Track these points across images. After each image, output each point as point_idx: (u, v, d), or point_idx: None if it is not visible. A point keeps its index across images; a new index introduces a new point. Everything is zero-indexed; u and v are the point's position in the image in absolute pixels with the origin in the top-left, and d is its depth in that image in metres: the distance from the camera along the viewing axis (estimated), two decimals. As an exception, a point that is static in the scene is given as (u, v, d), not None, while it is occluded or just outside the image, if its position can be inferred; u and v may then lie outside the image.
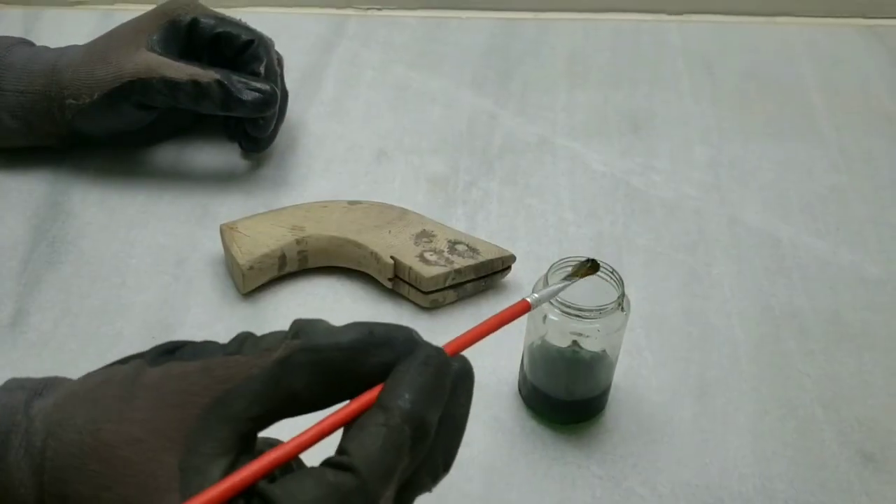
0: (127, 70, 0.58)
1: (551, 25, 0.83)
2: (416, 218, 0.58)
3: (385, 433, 0.30)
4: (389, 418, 0.30)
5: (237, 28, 0.62)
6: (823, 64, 0.78)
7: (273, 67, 0.62)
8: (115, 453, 0.31)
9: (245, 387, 0.31)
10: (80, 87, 0.59)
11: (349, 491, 0.29)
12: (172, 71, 0.58)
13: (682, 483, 0.47)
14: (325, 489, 0.29)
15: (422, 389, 0.31)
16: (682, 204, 0.64)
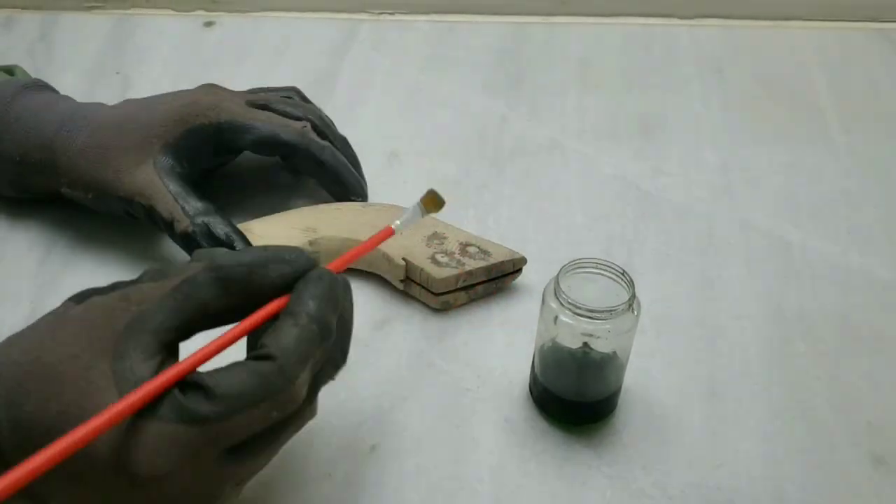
0: (124, 185, 0.55)
1: (562, 29, 0.83)
2: (427, 220, 0.58)
3: (296, 331, 0.36)
4: (299, 320, 0.36)
5: (272, 131, 0.58)
6: (834, 68, 0.78)
7: (325, 159, 0.59)
8: (55, 370, 0.35)
9: (160, 304, 0.36)
10: (76, 179, 0.56)
11: (270, 373, 0.35)
12: (160, 204, 0.54)
13: (692, 484, 0.47)
14: (249, 373, 0.35)
15: (321, 297, 0.37)
16: (693, 207, 0.64)
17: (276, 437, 0.38)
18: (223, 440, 0.35)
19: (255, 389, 0.35)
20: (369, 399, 0.51)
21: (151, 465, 0.34)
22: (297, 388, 0.36)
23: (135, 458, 0.34)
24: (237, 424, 0.35)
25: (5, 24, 0.83)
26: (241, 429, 0.35)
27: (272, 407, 0.35)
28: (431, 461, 0.48)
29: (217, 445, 0.35)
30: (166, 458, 0.34)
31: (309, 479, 0.47)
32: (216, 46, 0.81)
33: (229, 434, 0.35)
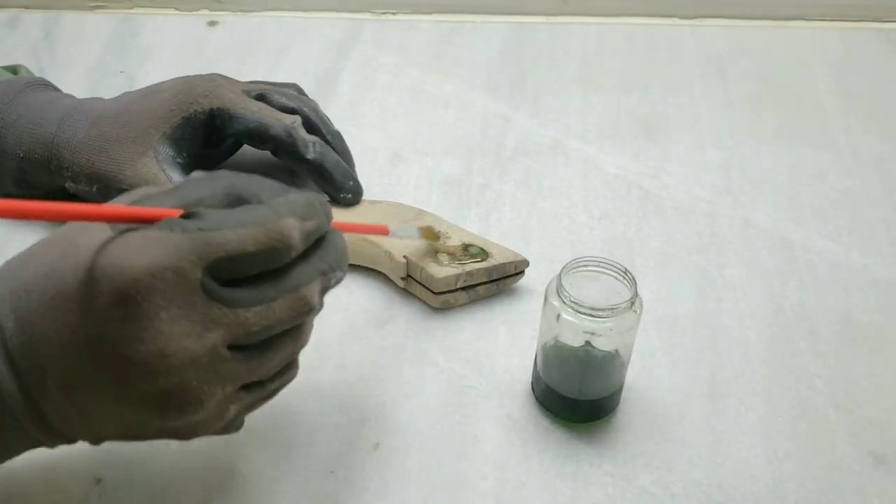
0: (127, 178, 0.56)
1: (564, 29, 0.83)
2: (431, 219, 0.59)
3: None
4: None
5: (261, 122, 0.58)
6: (836, 68, 0.78)
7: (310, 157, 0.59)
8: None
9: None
10: (79, 173, 0.57)
11: (258, 206, 0.37)
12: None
13: (693, 482, 0.47)
14: (239, 208, 0.37)
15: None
16: (695, 206, 0.64)
17: (282, 342, 0.38)
18: (209, 254, 0.34)
19: (242, 214, 0.35)
20: (372, 397, 0.51)
21: (129, 259, 0.33)
22: (285, 227, 0.36)
23: (114, 253, 0.34)
24: (224, 240, 0.34)
25: (10, 23, 0.83)
26: (227, 246, 0.34)
27: (260, 235, 0.35)
28: (434, 459, 0.48)
29: (202, 260, 0.34)
30: (148, 255, 0.33)
31: (312, 477, 0.47)
32: (220, 46, 0.81)
33: (215, 249, 0.34)
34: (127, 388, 0.35)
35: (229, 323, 0.35)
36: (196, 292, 0.34)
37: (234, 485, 0.46)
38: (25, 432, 0.37)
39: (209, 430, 0.38)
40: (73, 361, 0.35)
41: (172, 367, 0.34)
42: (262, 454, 0.48)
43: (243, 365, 0.36)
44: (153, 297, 0.33)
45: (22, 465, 0.46)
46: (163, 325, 0.34)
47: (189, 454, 0.48)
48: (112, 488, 0.46)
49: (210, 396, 0.36)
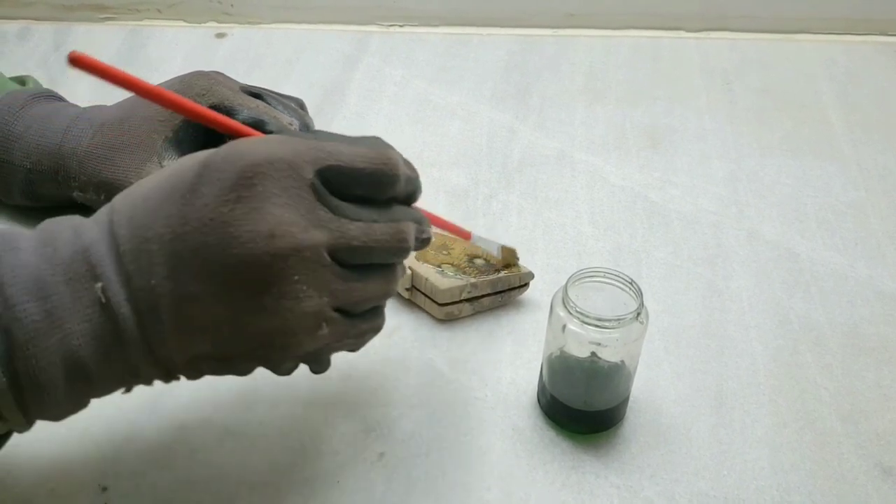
0: (131, 184, 0.56)
1: (570, 42, 0.84)
2: (438, 231, 0.59)
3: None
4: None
5: (257, 118, 0.58)
6: (841, 80, 0.79)
7: None
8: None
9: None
10: (87, 182, 0.58)
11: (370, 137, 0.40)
12: None
13: (699, 494, 0.47)
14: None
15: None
16: (701, 218, 0.64)
17: (376, 273, 0.39)
18: (322, 159, 0.36)
19: (355, 138, 0.38)
20: (378, 407, 0.51)
21: (248, 148, 0.35)
22: (394, 156, 0.38)
23: (232, 146, 0.36)
24: (337, 151, 0.37)
25: (21, 34, 0.84)
26: (339, 157, 0.37)
27: (371, 155, 0.37)
28: (439, 469, 0.48)
29: (316, 162, 0.36)
30: (266, 147, 0.35)
31: (318, 487, 0.47)
32: (228, 58, 0.81)
33: (327, 156, 0.36)
34: (232, 274, 0.35)
35: (333, 228, 0.36)
36: (307, 189, 0.36)
37: (240, 494, 0.46)
38: (125, 350, 0.36)
39: (300, 346, 0.38)
40: (180, 253, 0.35)
41: (278, 251, 0.35)
42: (267, 463, 0.48)
43: (340, 281, 0.37)
44: (268, 182, 0.35)
45: (27, 473, 0.47)
46: (275, 209, 0.35)
47: (195, 463, 0.48)
48: (118, 497, 0.46)
49: (307, 297, 0.36)
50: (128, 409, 0.50)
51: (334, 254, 0.37)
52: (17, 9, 0.86)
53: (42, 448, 0.48)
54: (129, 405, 0.50)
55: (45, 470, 0.47)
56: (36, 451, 0.48)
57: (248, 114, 0.58)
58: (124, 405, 0.50)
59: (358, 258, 0.38)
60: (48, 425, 0.49)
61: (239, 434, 0.49)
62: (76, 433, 0.49)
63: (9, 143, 0.58)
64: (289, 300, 0.36)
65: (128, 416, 0.50)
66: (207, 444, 0.49)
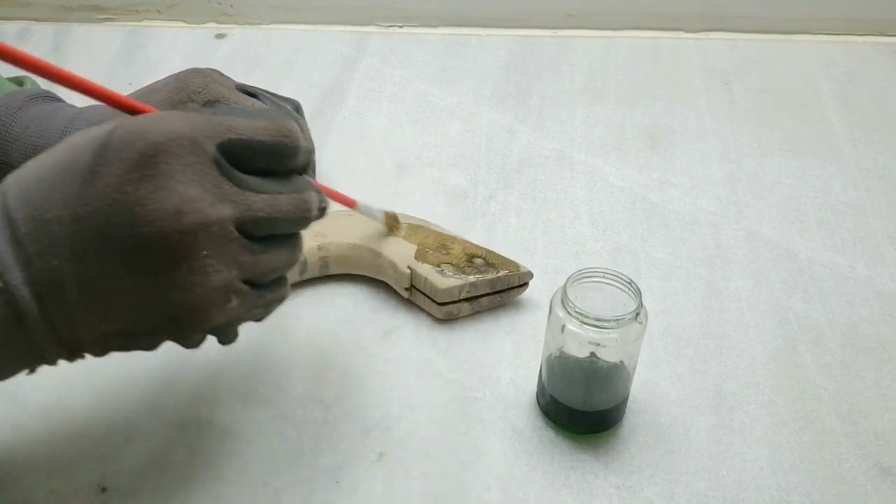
0: None
1: (570, 42, 0.84)
2: (436, 229, 0.59)
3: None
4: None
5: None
6: (841, 81, 0.79)
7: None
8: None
9: None
10: None
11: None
12: None
13: (698, 494, 0.47)
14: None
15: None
16: (700, 218, 0.64)
17: (281, 243, 0.39)
18: (222, 133, 0.36)
19: (254, 111, 0.38)
20: (377, 407, 0.51)
21: (148, 125, 0.35)
22: (294, 128, 0.39)
23: (131, 123, 0.36)
24: (236, 125, 0.37)
25: (20, 35, 0.84)
26: (239, 130, 0.37)
27: (271, 128, 0.38)
28: (439, 469, 0.48)
29: (216, 136, 0.36)
30: (167, 124, 0.35)
31: (317, 487, 0.47)
32: (227, 58, 0.82)
33: (227, 130, 0.37)
34: (140, 252, 0.35)
35: (238, 202, 0.36)
36: (210, 165, 0.36)
37: (239, 494, 0.46)
38: (26, 332, 0.36)
39: (210, 320, 0.38)
40: (84, 233, 0.35)
41: (186, 227, 0.35)
42: (266, 463, 0.48)
43: (248, 253, 0.37)
44: (171, 159, 0.35)
45: (27, 473, 0.47)
46: (179, 186, 0.35)
47: (194, 464, 0.48)
48: (117, 497, 0.46)
49: (216, 272, 0.36)
50: (127, 409, 0.50)
51: (241, 227, 0.37)
52: (17, 9, 0.86)
53: (41, 448, 0.48)
54: (127, 406, 0.50)
55: (45, 470, 0.47)
56: (35, 451, 0.48)
57: (244, 111, 0.57)
58: (123, 405, 0.50)
59: (263, 230, 0.38)
60: (48, 426, 0.49)
61: (238, 434, 0.49)
62: (76, 433, 0.49)
63: (6, 145, 0.58)
64: (198, 275, 0.36)
65: (127, 416, 0.50)
66: (206, 445, 0.49)
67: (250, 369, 0.53)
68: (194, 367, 0.53)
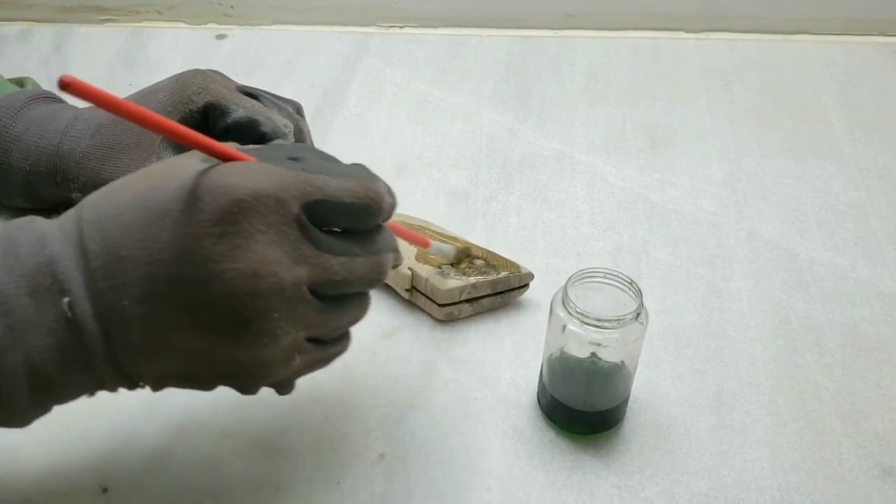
0: None
1: (570, 43, 0.84)
2: (436, 230, 0.59)
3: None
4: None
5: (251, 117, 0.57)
6: (841, 81, 0.79)
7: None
8: None
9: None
10: (86, 182, 0.57)
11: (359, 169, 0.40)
12: None
13: (699, 494, 0.47)
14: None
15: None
16: (700, 218, 0.64)
17: (351, 303, 0.39)
18: (309, 193, 0.36)
19: (342, 167, 0.38)
20: (378, 407, 0.51)
21: (234, 180, 0.34)
22: (381, 189, 0.38)
23: (219, 174, 0.35)
24: (324, 185, 0.36)
25: (21, 36, 0.84)
26: (326, 190, 0.36)
27: (358, 189, 0.37)
28: (439, 470, 0.48)
29: (303, 196, 0.35)
30: (254, 180, 0.34)
31: (318, 487, 0.47)
32: (228, 59, 0.82)
33: (314, 190, 0.36)
34: (210, 308, 0.35)
35: (316, 264, 0.36)
36: (292, 225, 0.35)
37: (241, 494, 0.46)
38: (90, 363, 0.36)
39: (272, 377, 0.38)
40: (156, 279, 0.35)
41: (260, 290, 0.35)
42: (268, 464, 0.48)
43: (318, 314, 0.37)
44: (253, 218, 0.34)
45: (28, 475, 0.47)
46: (258, 247, 0.34)
47: (195, 464, 0.48)
48: (118, 498, 0.46)
49: (285, 334, 0.36)
50: (127, 411, 0.50)
51: (313, 288, 0.37)
52: (18, 10, 0.86)
53: (42, 450, 0.48)
54: (128, 407, 0.50)
55: (46, 471, 0.47)
56: (36, 452, 0.48)
57: (243, 112, 0.57)
58: (124, 407, 0.50)
59: (336, 291, 0.38)
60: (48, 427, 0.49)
61: (238, 435, 0.49)
62: (77, 435, 0.49)
63: (7, 145, 0.58)
64: (267, 337, 0.36)
65: (127, 418, 0.50)
66: (207, 445, 0.49)
67: (251, 370, 0.53)
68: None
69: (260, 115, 0.58)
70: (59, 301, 0.35)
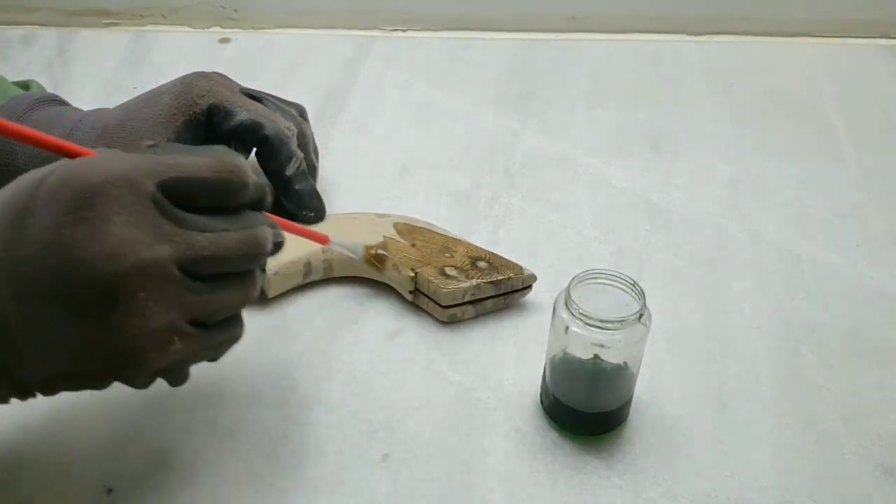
0: None
1: (573, 46, 0.84)
2: (439, 232, 0.59)
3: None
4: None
5: (255, 120, 0.57)
6: (843, 83, 0.79)
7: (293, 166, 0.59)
8: None
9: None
10: None
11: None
12: None
13: (702, 495, 0.47)
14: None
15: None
16: (703, 220, 0.64)
17: (231, 282, 0.39)
18: (161, 172, 0.36)
19: (198, 150, 0.38)
20: (381, 408, 0.51)
21: (84, 168, 0.35)
22: (240, 164, 0.38)
23: (70, 165, 0.36)
24: (177, 163, 0.37)
25: (25, 39, 0.85)
26: (180, 168, 0.37)
27: (215, 164, 0.37)
28: (442, 471, 0.48)
29: (155, 175, 0.36)
30: (103, 166, 0.35)
31: (321, 488, 0.47)
32: (231, 62, 0.82)
33: (167, 169, 0.36)
34: (79, 295, 0.35)
35: (180, 241, 0.36)
36: (148, 205, 0.36)
37: (244, 495, 0.47)
38: None
39: (152, 362, 0.37)
40: (25, 277, 0.35)
41: (121, 270, 0.35)
42: (271, 465, 0.48)
43: (191, 294, 0.37)
44: (107, 201, 0.35)
45: (32, 475, 0.47)
46: (115, 228, 0.35)
47: (199, 465, 0.48)
48: (122, 498, 0.46)
49: (155, 314, 0.36)
50: (132, 410, 0.50)
51: (184, 266, 0.37)
52: (22, 14, 0.87)
53: (47, 450, 0.48)
54: (133, 407, 0.50)
55: (50, 472, 0.47)
56: (41, 453, 0.48)
57: (247, 115, 0.58)
58: (128, 407, 0.50)
59: (210, 268, 0.38)
60: (52, 427, 0.50)
61: (242, 434, 0.49)
62: (81, 435, 0.49)
63: (13, 148, 0.58)
64: (136, 318, 0.35)
65: (132, 417, 0.50)
66: (211, 446, 0.49)
67: (255, 371, 0.53)
68: (199, 369, 0.53)
69: (263, 118, 0.58)
70: None
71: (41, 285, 0.35)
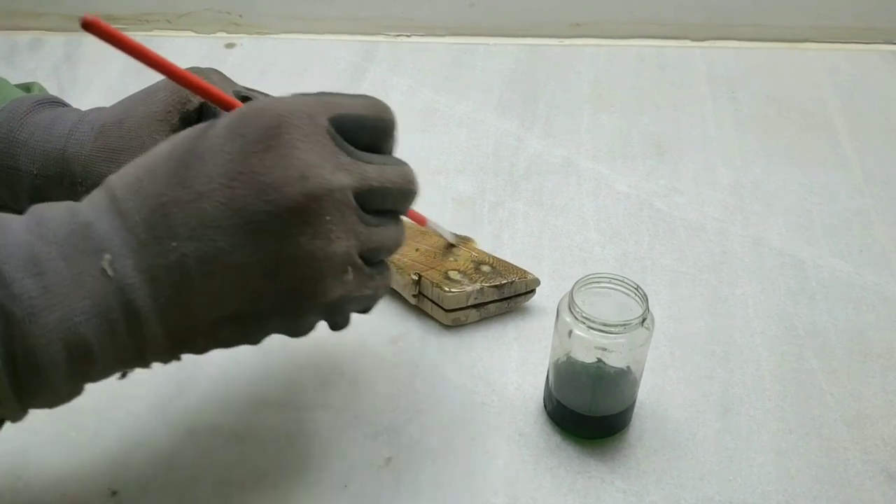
0: None
1: (576, 51, 0.84)
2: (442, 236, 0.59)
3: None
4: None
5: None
6: (846, 88, 0.79)
7: None
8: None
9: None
10: (93, 186, 0.55)
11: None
12: None
13: (705, 499, 0.47)
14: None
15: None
16: (706, 225, 0.64)
17: (390, 219, 0.41)
18: (331, 109, 0.38)
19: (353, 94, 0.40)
20: (385, 412, 0.51)
21: (267, 104, 0.37)
22: (390, 108, 0.40)
23: (249, 105, 0.38)
24: (342, 101, 0.39)
25: (32, 45, 0.85)
26: (346, 106, 0.38)
27: (372, 104, 0.39)
28: (446, 474, 0.48)
29: (327, 111, 0.38)
30: (281, 103, 0.37)
31: (325, 491, 0.47)
32: (237, 67, 0.82)
33: (335, 106, 0.38)
34: (265, 220, 0.36)
35: (353, 171, 0.38)
36: (325, 136, 0.37)
37: (248, 498, 0.47)
38: (133, 321, 0.36)
39: (329, 291, 0.38)
40: (205, 211, 0.36)
41: (311, 191, 0.36)
42: (275, 468, 0.48)
43: (363, 224, 0.38)
44: (292, 130, 0.37)
45: (38, 478, 0.47)
46: (302, 154, 0.36)
47: (204, 468, 0.48)
48: (127, 501, 0.47)
49: (338, 239, 0.37)
50: (138, 413, 0.51)
51: (356, 196, 0.38)
52: (29, 20, 0.87)
53: (53, 453, 0.49)
54: (138, 410, 0.51)
55: (56, 475, 0.48)
56: (46, 456, 0.48)
57: None
58: (134, 410, 0.51)
59: (375, 202, 0.39)
60: (58, 430, 0.50)
61: (247, 438, 0.50)
62: (86, 438, 0.49)
63: (14, 150, 0.59)
64: (321, 240, 0.37)
65: (138, 420, 0.50)
66: (216, 449, 0.49)
67: (259, 374, 0.53)
68: (204, 372, 0.53)
69: None
70: (96, 261, 0.35)
71: (225, 216, 0.36)
